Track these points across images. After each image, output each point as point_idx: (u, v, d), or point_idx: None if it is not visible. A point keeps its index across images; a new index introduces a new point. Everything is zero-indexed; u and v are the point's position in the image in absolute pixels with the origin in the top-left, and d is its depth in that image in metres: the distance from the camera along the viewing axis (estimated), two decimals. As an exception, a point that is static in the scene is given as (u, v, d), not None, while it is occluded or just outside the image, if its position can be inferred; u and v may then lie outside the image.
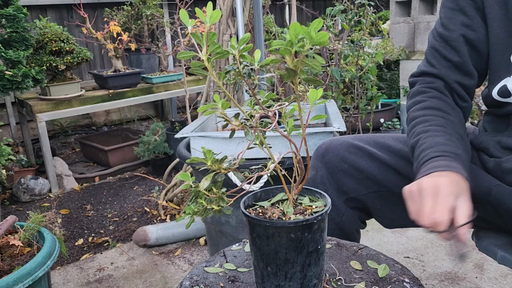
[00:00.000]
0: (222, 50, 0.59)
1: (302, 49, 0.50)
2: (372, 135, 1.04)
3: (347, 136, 1.04)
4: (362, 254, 0.90)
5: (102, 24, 3.61)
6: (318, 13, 4.93)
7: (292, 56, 0.51)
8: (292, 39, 0.49)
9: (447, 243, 0.75)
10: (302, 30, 0.48)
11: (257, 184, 1.36)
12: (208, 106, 0.63)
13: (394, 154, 1.03)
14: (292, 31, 0.49)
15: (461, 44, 0.96)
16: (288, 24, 3.80)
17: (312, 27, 0.49)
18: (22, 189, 2.76)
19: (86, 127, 4.19)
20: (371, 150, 1.02)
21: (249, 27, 2.28)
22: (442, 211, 0.73)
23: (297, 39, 0.49)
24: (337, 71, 2.79)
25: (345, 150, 1.02)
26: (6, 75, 2.35)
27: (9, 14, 2.39)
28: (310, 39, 0.49)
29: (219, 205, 0.67)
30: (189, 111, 2.80)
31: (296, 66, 0.51)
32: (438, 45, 0.99)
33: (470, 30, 0.96)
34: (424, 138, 0.89)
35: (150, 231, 2.11)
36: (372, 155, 1.01)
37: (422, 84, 1.01)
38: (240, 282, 0.80)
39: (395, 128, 3.31)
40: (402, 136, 1.09)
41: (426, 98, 0.97)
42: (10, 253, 1.34)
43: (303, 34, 0.49)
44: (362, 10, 2.95)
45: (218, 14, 0.55)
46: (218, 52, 0.59)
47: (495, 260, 0.96)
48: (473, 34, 0.96)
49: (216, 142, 1.52)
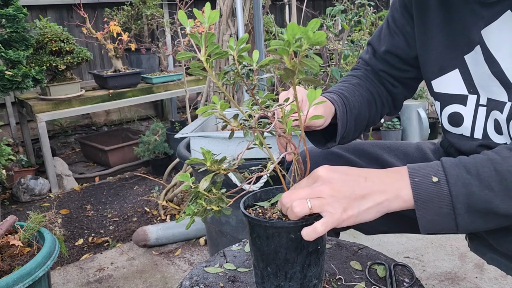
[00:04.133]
0: (221, 51, 0.59)
1: (299, 49, 0.50)
2: (352, 142, 1.04)
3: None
4: (362, 254, 0.90)
5: (102, 24, 3.61)
6: (318, 13, 4.93)
7: (290, 56, 0.51)
8: (290, 39, 0.49)
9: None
10: (299, 30, 0.48)
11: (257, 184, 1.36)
12: (207, 107, 0.63)
13: (372, 161, 1.03)
14: (290, 31, 0.49)
15: (390, 56, 1.04)
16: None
17: (309, 27, 0.49)
18: (22, 189, 2.77)
19: (86, 127, 4.19)
20: (349, 157, 1.02)
21: (249, 27, 2.28)
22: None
23: (295, 39, 0.49)
24: (337, 71, 2.79)
25: (324, 158, 1.01)
26: (6, 75, 2.34)
27: (9, 14, 2.39)
28: (308, 39, 0.49)
29: (219, 205, 0.67)
30: (189, 111, 2.80)
31: (294, 66, 0.51)
32: (374, 42, 1.08)
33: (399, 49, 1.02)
34: (331, 88, 1.02)
35: (150, 231, 2.11)
36: (350, 163, 1.01)
37: (359, 64, 1.12)
38: (240, 282, 0.80)
39: (395, 128, 3.31)
40: (382, 143, 1.09)
41: (354, 73, 1.08)
42: (10, 253, 1.34)
43: (300, 34, 0.49)
44: (362, 10, 2.95)
45: (217, 14, 0.55)
46: (217, 53, 0.59)
47: (484, 260, 0.96)
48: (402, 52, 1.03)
49: (216, 142, 1.52)
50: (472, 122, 0.90)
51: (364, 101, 1.00)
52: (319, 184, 0.66)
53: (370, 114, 1.02)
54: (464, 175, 0.66)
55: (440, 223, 0.67)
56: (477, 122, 0.89)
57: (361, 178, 0.68)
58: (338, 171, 0.68)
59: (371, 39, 1.09)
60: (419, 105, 3.25)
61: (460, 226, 0.66)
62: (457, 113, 0.92)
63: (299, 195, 0.66)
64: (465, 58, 0.88)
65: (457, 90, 0.91)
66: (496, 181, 0.65)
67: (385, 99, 1.06)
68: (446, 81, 0.92)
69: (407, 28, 1.00)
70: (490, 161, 0.67)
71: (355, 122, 0.94)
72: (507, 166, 0.65)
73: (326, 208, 0.64)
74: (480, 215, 0.66)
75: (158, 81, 3.38)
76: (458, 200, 0.65)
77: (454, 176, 0.66)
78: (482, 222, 0.67)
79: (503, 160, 0.66)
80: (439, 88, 0.95)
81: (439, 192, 0.65)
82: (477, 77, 0.87)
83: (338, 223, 0.64)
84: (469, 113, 0.90)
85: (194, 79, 3.58)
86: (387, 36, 1.03)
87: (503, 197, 0.65)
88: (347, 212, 0.65)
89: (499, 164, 0.66)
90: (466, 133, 0.92)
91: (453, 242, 2.00)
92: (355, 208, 0.65)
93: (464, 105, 0.90)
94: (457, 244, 1.98)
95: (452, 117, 0.93)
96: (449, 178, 0.66)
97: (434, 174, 0.66)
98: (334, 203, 0.64)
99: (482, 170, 0.66)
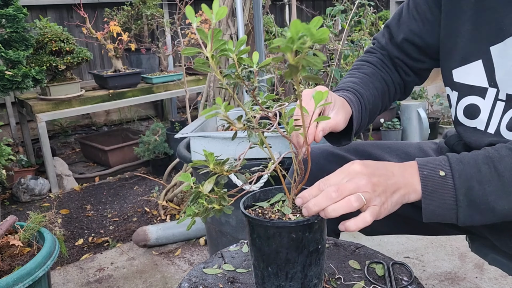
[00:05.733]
0: (226, 48, 0.60)
1: (303, 45, 0.50)
2: (353, 143, 1.03)
3: (327, 144, 1.02)
4: (360, 254, 0.90)
5: (102, 24, 3.61)
6: (318, 13, 4.93)
7: (293, 53, 0.51)
8: (293, 36, 0.49)
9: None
10: (303, 27, 0.48)
11: (257, 184, 1.36)
12: (210, 109, 0.63)
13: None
14: (293, 28, 0.49)
15: (407, 44, 1.02)
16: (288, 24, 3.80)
17: (312, 24, 0.49)
18: (22, 189, 2.76)
19: (86, 127, 4.19)
20: (350, 158, 1.01)
21: (249, 27, 2.28)
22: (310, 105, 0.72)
23: (298, 36, 0.49)
24: (337, 71, 2.79)
25: (324, 159, 1.01)
26: (6, 75, 2.34)
27: (9, 14, 2.39)
28: (311, 36, 0.49)
29: (221, 204, 0.67)
30: (189, 111, 2.80)
31: (298, 62, 0.51)
32: (392, 26, 1.05)
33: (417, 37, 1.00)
34: (346, 77, 1.01)
35: (150, 231, 2.11)
36: None
37: (374, 46, 1.10)
38: (239, 283, 0.80)
39: (395, 128, 3.31)
40: (383, 143, 1.08)
41: (369, 58, 1.07)
42: (10, 253, 1.34)
43: (304, 31, 0.49)
44: (362, 10, 2.95)
45: (225, 10, 0.55)
46: (222, 50, 0.59)
47: (486, 261, 0.96)
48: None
49: (216, 142, 1.52)
50: (488, 116, 0.88)
51: (379, 93, 0.99)
52: (360, 179, 0.68)
53: (383, 103, 1.02)
54: (467, 170, 0.71)
55: (442, 213, 0.71)
56: (493, 117, 0.87)
57: (389, 172, 0.72)
58: (370, 166, 0.72)
59: (389, 21, 1.06)
60: (419, 105, 3.25)
61: (460, 218, 0.71)
62: (474, 105, 0.90)
63: (347, 189, 0.67)
64: (490, 49, 0.85)
65: (477, 82, 0.88)
66: (494, 178, 0.70)
67: (397, 85, 1.06)
68: (468, 71, 0.90)
69: (428, 15, 0.97)
70: (489, 158, 0.72)
71: (369, 116, 0.95)
72: (504, 164, 0.70)
73: (372, 202, 0.68)
74: (479, 209, 0.70)
75: (158, 81, 3.38)
76: (461, 193, 0.70)
77: (458, 170, 0.71)
78: (480, 217, 0.71)
79: (501, 159, 0.71)
80: (459, 78, 0.92)
81: (445, 185, 0.70)
82: (500, 70, 0.84)
83: (378, 216, 0.68)
84: (487, 107, 0.87)
85: (194, 79, 3.58)
86: (407, 21, 1.01)
87: (500, 194, 0.69)
88: (384, 206, 0.69)
89: (497, 162, 0.71)
90: (480, 126, 0.90)
91: (453, 242, 2.00)
92: (389, 201, 0.70)
93: (483, 97, 0.88)
94: (457, 244, 1.98)
95: (468, 109, 0.91)
96: (454, 173, 0.71)
97: (441, 168, 0.71)
98: (377, 197, 0.68)
99: (482, 167, 0.71)
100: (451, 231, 1.02)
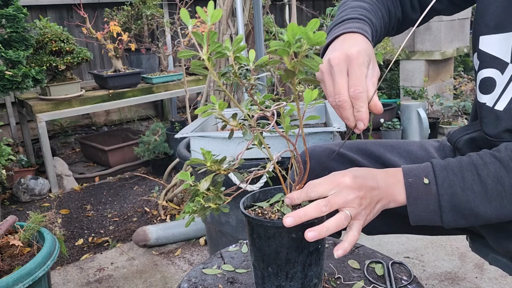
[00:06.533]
0: (223, 50, 0.59)
1: (300, 49, 0.50)
2: (355, 141, 1.03)
3: (330, 143, 1.03)
4: (359, 253, 0.90)
5: (102, 24, 3.61)
6: (318, 13, 4.93)
7: (290, 56, 0.51)
8: (290, 40, 0.49)
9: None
10: (299, 31, 0.48)
11: (257, 184, 1.36)
12: (206, 107, 0.63)
13: (375, 160, 1.02)
14: (290, 31, 0.48)
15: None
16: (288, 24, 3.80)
17: (309, 27, 0.49)
18: (22, 189, 2.77)
19: (86, 127, 4.19)
20: (352, 156, 1.01)
21: (249, 27, 2.28)
22: (361, 82, 0.71)
23: (295, 39, 0.49)
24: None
25: (327, 157, 1.00)
26: (6, 75, 2.35)
27: (9, 14, 2.39)
28: (308, 39, 0.49)
29: (216, 203, 0.67)
30: (189, 111, 2.80)
31: (294, 67, 0.51)
32: None
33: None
34: (351, 2, 0.94)
35: (150, 231, 2.11)
36: (353, 162, 1.00)
37: None
38: (239, 284, 0.80)
39: (395, 128, 3.31)
40: (385, 141, 1.07)
41: None
42: (10, 253, 1.34)
43: (300, 35, 0.49)
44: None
45: (220, 13, 0.55)
46: (218, 52, 0.59)
47: (486, 261, 0.96)
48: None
49: (216, 142, 1.52)
50: (500, 92, 0.84)
51: (382, 25, 0.95)
52: (348, 194, 0.70)
53: (381, 37, 0.98)
54: (451, 177, 0.73)
55: (428, 218, 0.74)
56: (505, 93, 0.83)
57: (375, 183, 0.73)
58: (359, 178, 0.73)
59: None
60: (419, 105, 3.25)
61: (445, 222, 0.73)
62: (491, 78, 0.86)
63: (337, 203, 0.69)
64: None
65: (501, 54, 0.84)
66: (477, 184, 0.72)
67: (395, 21, 1.01)
68: (495, 41, 0.84)
69: None
70: (473, 165, 0.73)
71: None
72: (487, 172, 0.72)
73: (357, 216, 0.71)
74: (462, 214, 0.72)
75: (158, 81, 3.38)
76: (444, 199, 0.72)
77: (442, 177, 0.73)
78: (465, 221, 0.73)
79: (484, 166, 0.72)
80: (484, 47, 0.87)
81: (428, 192, 0.73)
82: None
83: (362, 227, 0.72)
84: (503, 82, 0.84)
85: (194, 79, 3.58)
86: None
87: (482, 200, 0.71)
88: (367, 218, 0.72)
89: (481, 169, 0.72)
90: (489, 103, 0.85)
91: (453, 242, 2.00)
92: (372, 213, 0.73)
93: (501, 72, 0.84)
94: (457, 244, 1.98)
95: (484, 83, 0.87)
96: (438, 180, 0.72)
97: (426, 176, 0.73)
98: (362, 211, 0.71)
99: (466, 174, 0.73)
100: (451, 231, 1.02)
